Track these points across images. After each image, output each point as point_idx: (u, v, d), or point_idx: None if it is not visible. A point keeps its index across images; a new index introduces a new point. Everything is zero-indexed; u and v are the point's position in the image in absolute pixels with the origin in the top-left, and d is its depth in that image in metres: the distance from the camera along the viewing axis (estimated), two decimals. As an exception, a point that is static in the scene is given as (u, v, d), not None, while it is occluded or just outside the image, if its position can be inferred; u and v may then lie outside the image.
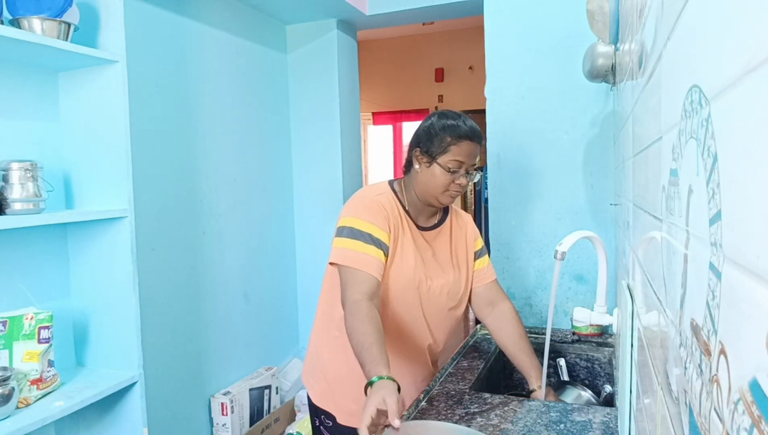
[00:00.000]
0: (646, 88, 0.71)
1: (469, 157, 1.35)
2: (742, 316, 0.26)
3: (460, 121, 1.35)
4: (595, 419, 1.23)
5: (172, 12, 2.25)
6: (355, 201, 1.41)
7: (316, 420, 1.50)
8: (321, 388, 1.48)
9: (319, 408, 1.47)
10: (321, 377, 1.48)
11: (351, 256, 1.30)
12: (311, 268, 3.10)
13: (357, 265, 1.28)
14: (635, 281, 0.90)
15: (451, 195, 1.37)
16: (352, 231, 1.32)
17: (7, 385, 1.33)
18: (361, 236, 1.31)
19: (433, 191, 1.36)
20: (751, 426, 0.24)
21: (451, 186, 1.35)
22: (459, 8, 2.88)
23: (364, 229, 1.32)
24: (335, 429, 1.45)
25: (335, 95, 3.00)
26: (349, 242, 1.31)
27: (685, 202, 0.41)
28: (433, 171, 1.35)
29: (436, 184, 1.35)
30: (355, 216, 1.34)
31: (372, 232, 1.32)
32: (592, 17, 1.46)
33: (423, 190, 1.39)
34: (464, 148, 1.33)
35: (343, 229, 1.34)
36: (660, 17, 0.56)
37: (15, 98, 1.56)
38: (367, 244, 1.31)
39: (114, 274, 1.63)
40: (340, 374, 1.44)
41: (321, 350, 1.49)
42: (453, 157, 1.33)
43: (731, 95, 0.28)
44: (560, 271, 1.46)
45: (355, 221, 1.33)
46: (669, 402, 0.50)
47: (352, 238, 1.31)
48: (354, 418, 1.40)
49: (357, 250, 1.30)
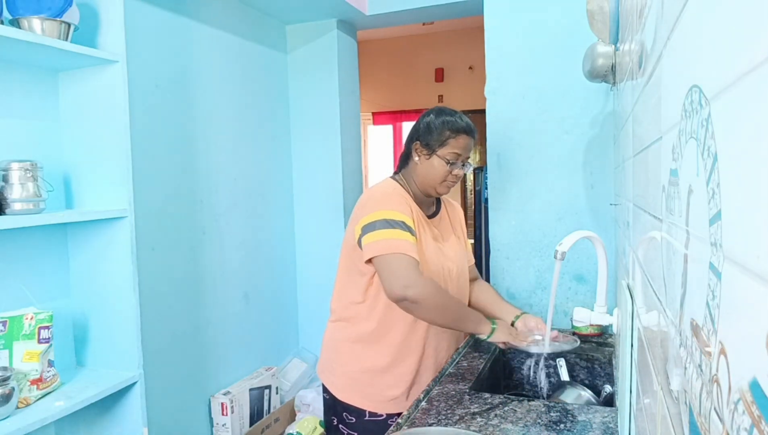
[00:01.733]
0: (646, 88, 0.71)
1: (465, 150, 1.46)
2: (742, 316, 0.26)
3: (457, 117, 1.46)
4: (595, 419, 1.23)
5: (171, 12, 2.25)
6: (377, 197, 1.44)
7: (335, 419, 1.50)
8: (343, 383, 1.49)
9: (342, 403, 1.48)
10: (342, 372, 1.50)
11: (393, 244, 1.32)
12: (311, 268, 3.10)
13: (402, 250, 1.31)
14: (635, 281, 0.90)
15: (448, 185, 1.48)
16: (386, 222, 1.35)
17: (7, 385, 1.33)
18: (396, 225, 1.35)
19: (433, 182, 1.46)
20: (751, 426, 0.24)
21: (449, 177, 1.46)
22: (459, 8, 2.88)
23: (397, 219, 1.36)
24: (359, 426, 1.45)
25: (335, 95, 3.00)
26: (385, 233, 1.33)
27: (685, 202, 0.41)
28: (432, 163, 1.45)
29: (436, 175, 1.45)
30: (385, 208, 1.38)
31: (404, 220, 1.37)
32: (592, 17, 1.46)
33: (422, 181, 1.48)
34: (461, 142, 1.44)
35: (375, 223, 1.35)
36: (660, 17, 0.56)
37: (15, 98, 1.56)
38: (404, 231, 1.34)
39: (114, 274, 1.63)
40: (366, 365, 1.47)
41: (339, 344, 1.51)
42: (451, 150, 1.44)
43: (731, 95, 0.28)
44: (560, 271, 1.46)
45: (386, 213, 1.36)
46: (669, 402, 0.50)
47: (389, 228, 1.34)
48: (386, 405, 1.46)
49: (397, 238, 1.33)
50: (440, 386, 1.43)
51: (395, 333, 1.45)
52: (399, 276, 1.29)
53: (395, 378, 1.47)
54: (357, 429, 1.46)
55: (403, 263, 1.30)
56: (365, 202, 1.43)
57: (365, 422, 1.45)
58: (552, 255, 1.73)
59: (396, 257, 1.31)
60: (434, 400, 1.34)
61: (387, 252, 1.31)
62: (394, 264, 1.30)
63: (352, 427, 1.46)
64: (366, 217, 1.38)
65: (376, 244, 1.33)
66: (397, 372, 1.47)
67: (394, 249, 1.31)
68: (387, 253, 1.31)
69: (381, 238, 1.33)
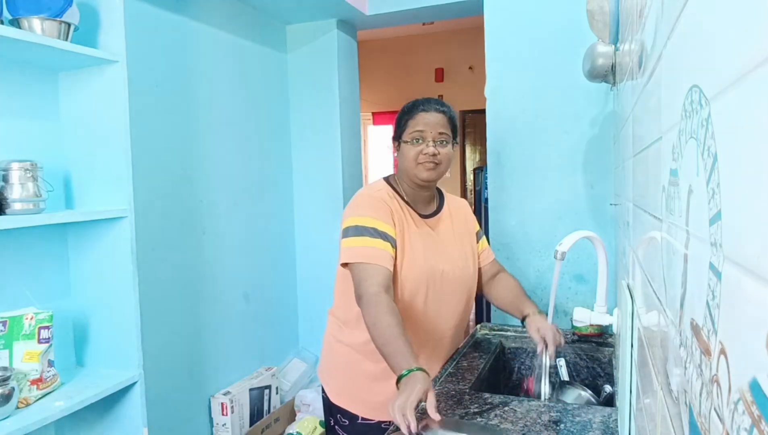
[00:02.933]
0: (646, 88, 0.71)
1: (429, 126, 1.42)
2: (742, 316, 0.26)
3: (415, 101, 1.47)
4: (595, 419, 1.23)
5: (172, 12, 2.25)
6: (356, 201, 1.45)
7: (331, 419, 1.51)
8: (338, 386, 1.49)
9: (336, 406, 1.48)
10: (338, 375, 1.50)
11: (359, 253, 1.32)
12: (311, 268, 3.10)
13: (367, 259, 1.31)
14: (635, 281, 0.90)
15: (426, 167, 1.42)
16: (357, 229, 1.35)
17: (7, 385, 1.33)
18: (365, 232, 1.34)
19: (408, 169, 1.44)
20: (751, 426, 0.24)
21: (420, 157, 1.41)
22: (459, 8, 2.88)
23: (368, 225, 1.35)
24: (352, 429, 1.45)
25: (335, 95, 3.00)
26: (355, 240, 1.34)
27: (685, 202, 0.41)
28: (402, 151, 1.45)
29: (408, 160, 1.44)
30: (358, 214, 1.38)
31: (376, 226, 1.35)
32: (592, 17, 1.46)
33: (404, 173, 1.47)
34: (419, 119, 1.42)
35: (348, 229, 1.37)
36: (660, 17, 0.56)
37: (15, 98, 1.56)
38: (374, 238, 1.34)
39: (114, 274, 1.63)
40: (361, 371, 1.45)
41: (336, 348, 1.50)
42: (412, 129, 1.42)
43: (731, 95, 0.28)
44: (560, 271, 1.46)
45: (358, 219, 1.37)
46: (669, 402, 0.50)
47: (357, 235, 1.34)
48: (379, 412, 1.43)
49: (364, 246, 1.33)
50: (440, 386, 1.43)
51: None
52: (358, 288, 1.30)
53: (387, 386, 1.42)
54: (350, 432, 1.46)
55: (365, 276, 1.29)
56: (348, 205, 1.45)
57: (358, 425, 1.45)
58: (552, 255, 1.73)
59: (362, 267, 1.31)
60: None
61: (355, 260, 1.32)
62: (358, 274, 1.31)
63: (345, 429, 1.46)
64: (344, 221, 1.40)
65: (347, 251, 1.34)
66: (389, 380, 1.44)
67: (362, 258, 1.31)
68: (355, 261, 1.32)
69: (350, 246, 1.34)
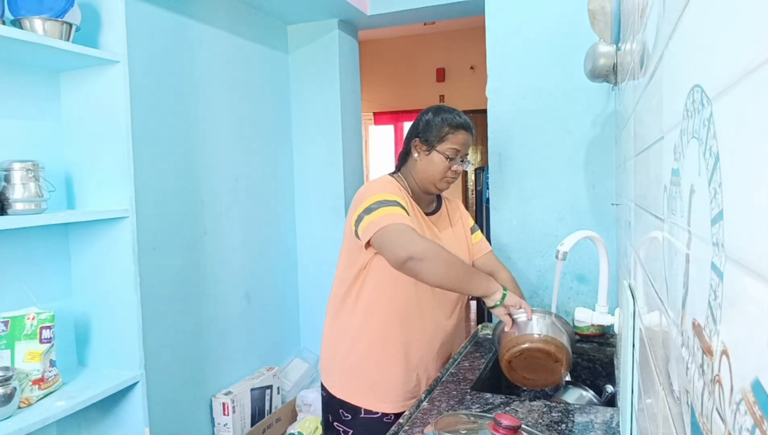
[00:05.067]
0: (648, 87, 0.71)
1: (464, 146, 1.48)
2: (744, 316, 0.26)
3: (455, 114, 1.48)
4: (597, 419, 1.23)
5: (173, 12, 2.25)
6: (374, 185, 1.46)
7: (330, 416, 1.51)
8: (339, 379, 1.50)
9: (337, 400, 1.48)
10: (337, 367, 1.50)
11: (388, 219, 1.32)
12: (312, 268, 3.10)
13: (398, 221, 1.32)
14: (637, 281, 0.90)
15: (447, 181, 1.48)
16: (378, 202, 1.36)
17: (8, 385, 1.33)
18: (389, 203, 1.36)
19: (432, 178, 1.47)
20: (753, 426, 0.24)
21: (448, 172, 1.47)
22: (460, 8, 2.88)
23: (390, 198, 1.37)
24: (354, 423, 1.46)
25: (336, 95, 3.00)
26: (379, 212, 1.34)
27: (686, 202, 0.41)
28: (432, 158, 1.46)
29: (436, 171, 1.46)
30: (380, 192, 1.39)
31: (398, 200, 1.38)
32: (593, 17, 1.45)
33: (422, 178, 1.49)
34: (460, 137, 1.46)
35: (369, 207, 1.36)
36: (661, 17, 0.56)
37: (16, 98, 1.56)
38: (397, 207, 1.36)
39: (115, 274, 1.63)
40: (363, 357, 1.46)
41: (335, 341, 1.51)
42: (450, 145, 1.45)
43: (733, 95, 0.28)
44: (562, 271, 1.46)
45: (381, 196, 1.37)
46: (671, 402, 0.50)
47: (382, 206, 1.35)
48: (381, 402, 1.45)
49: (391, 213, 1.33)
50: (441, 386, 1.43)
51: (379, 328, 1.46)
52: (401, 239, 1.29)
53: (389, 372, 1.46)
54: (353, 426, 1.46)
55: (400, 229, 1.30)
56: (363, 191, 1.45)
57: (361, 419, 1.45)
58: (553, 255, 1.72)
59: (393, 227, 1.31)
60: (435, 400, 1.34)
61: (383, 225, 1.31)
62: (393, 232, 1.30)
63: (347, 424, 1.47)
64: (363, 202, 1.39)
65: (372, 223, 1.33)
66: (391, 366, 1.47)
67: (390, 221, 1.31)
68: (383, 226, 1.31)
69: (376, 217, 1.33)
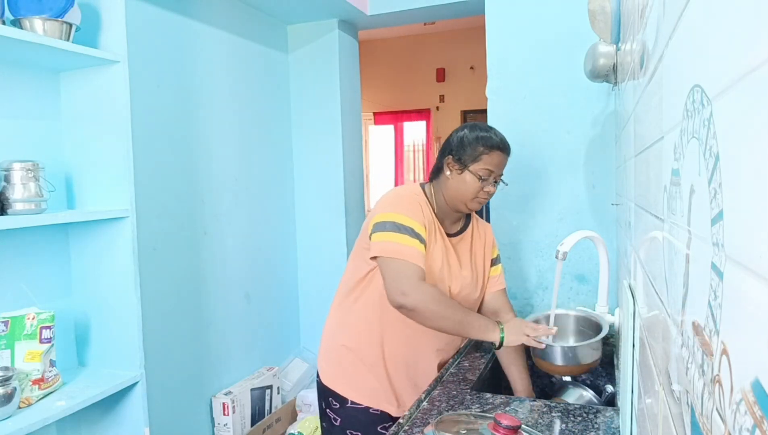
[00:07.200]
0: (648, 87, 0.71)
1: (498, 167, 1.43)
2: (744, 316, 0.26)
3: (492, 133, 1.43)
4: (597, 419, 1.23)
5: (173, 12, 2.25)
6: (397, 197, 1.45)
7: (323, 402, 1.54)
8: (334, 372, 1.52)
9: (328, 389, 1.50)
10: (336, 362, 1.52)
11: (398, 249, 1.33)
12: (312, 268, 3.10)
13: (406, 257, 1.32)
14: (637, 281, 0.90)
15: (479, 201, 1.44)
16: (395, 225, 1.36)
17: (8, 385, 1.33)
18: (405, 230, 1.35)
19: (463, 197, 1.43)
20: (753, 426, 0.24)
21: (480, 193, 1.42)
22: (460, 8, 2.88)
23: (407, 224, 1.36)
24: (342, 411, 1.49)
25: (336, 95, 3.00)
26: (393, 236, 1.35)
27: (686, 202, 0.41)
28: (464, 178, 1.42)
29: (467, 191, 1.42)
30: (397, 211, 1.38)
31: (414, 226, 1.36)
32: (593, 17, 1.45)
33: (453, 196, 1.45)
34: (495, 158, 1.41)
35: (386, 223, 1.37)
36: (661, 17, 0.56)
37: (17, 98, 1.56)
38: (412, 237, 1.35)
39: (115, 274, 1.63)
40: (356, 358, 1.48)
41: (336, 336, 1.53)
42: (484, 166, 1.40)
43: (733, 95, 0.28)
44: (562, 271, 1.46)
45: (398, 216, 1.37)
46: (671, 402, 0.50)
47: (396, 231, 1.35)
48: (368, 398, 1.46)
49: (403, 243, 1.34)
50: (441, 386, 1.43)
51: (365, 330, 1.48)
52: (399, 282, 1.30)
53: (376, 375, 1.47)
54: (341, 414, 1.49)
55: (403, 270, 1.31)
56: (382, 200, 1.45)
57: (348, 408, 1.48)
58: (553, 255, 1.72)
59: (399, 263, 1.32)
60: (435, 400, 1.34)
61: (391, 256, 1.33)
62: (396, 269, 1.32)
63: (336, 412, 1.50)
64: (378, 215, 1.40)
65: (382, 244, 1.34)
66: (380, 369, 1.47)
67: (399, 254, 1.32)
68: (391, 256, 1.33)
69: (388, 241, 1.34)
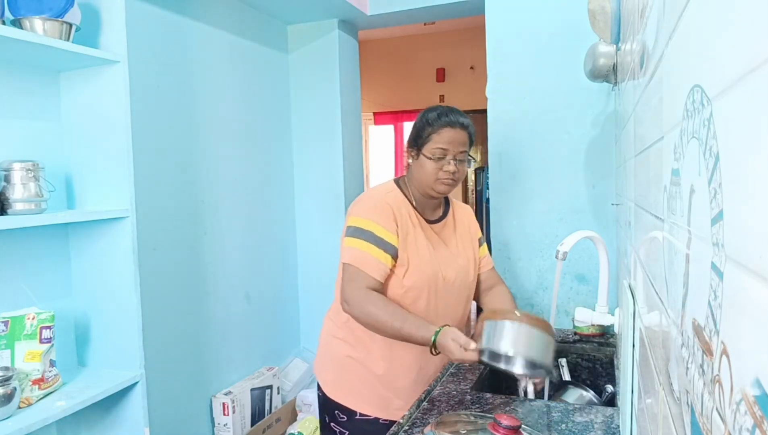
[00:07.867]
0: (648, 87, 0.71)
1: (453, 144, 1.39)
2: (744, 316, 0.26)
3: (439, 111, 1.40)
4: (597, 419, 1.23)
5: (173, 12, 2.25)
6: (363, 201, 1.45)
7: (326, 416, 1.50)
8: (335, 381, 1.49)
9: (333, 401, 1.47)
10: (335, 370, 1.49)
11: (353, 254, 1.36)
12: (312, 268, 3.10)
13: (357, 264, 1.34)
14: (637, 281, 0.90)
15: (443, 183, 1.40)
16: (356, 230, 1.38)
17: (8, 385, 1.33)
18: (363, 235, 1.36)
19: (427, 181, 1.41)
20: (753, 426, 0.24)
21: (440, 174, 1.39)
22: (460, 8, 2.88)
23: (368, 228, 1.37)
24: (350, 425, 1.45)
25: (336, 95, 3.00)
26: (352, 241, 1.37)
27: (686, 202, 0.41)
28: (421, 162, 1.41)
29: (427, 174, 1.40)
30: (361, 216, 1.39)
31: (375, 231, 1.36)
32: (593, 17, 1.46)
33: (419, 183, 1.44)
34: (444, 135, 1.38)
35: (349, 228, 1.40)
36: (661, 17, 0.56)
37: (16, 98, 1.56)
38: (369, 243, 1.36)
39: (115, 274, 1.63)
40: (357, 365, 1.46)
41: (332, 343, 1.51)
42: (435, 145, 1.38)
43: (733, 95, 0.28)
44: (562, 271, 1.46)
45: (360, 221, 1.39)
46: (671, 402, 0.50)
47: (356, 236, 1.37)
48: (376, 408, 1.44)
49: (359, 249, 1.36)
50: (442, 386, 1.43)
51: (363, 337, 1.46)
52: (346, 291, 1.34)
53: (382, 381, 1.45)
54: (348, 427, 1.46)
55: (355, 278, 1.34)
56: (355, 202, 1.47)
57: (356, 421, 1.45)
58: (553, 255, 1.73)
59: (354, 271, 1.35)
60: (435, 401, 1.34)
61: (351, 262, 1.36)
62: (348, 277, 1.35)
63: (343, 425, 1.46)
64: (348, 218, 1.43)
65: (348, 250, 1.38)
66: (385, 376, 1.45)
67: (358, 262, 1.35)
68: (350, 263, 1.36)
69: (354, 247, 1.37)
